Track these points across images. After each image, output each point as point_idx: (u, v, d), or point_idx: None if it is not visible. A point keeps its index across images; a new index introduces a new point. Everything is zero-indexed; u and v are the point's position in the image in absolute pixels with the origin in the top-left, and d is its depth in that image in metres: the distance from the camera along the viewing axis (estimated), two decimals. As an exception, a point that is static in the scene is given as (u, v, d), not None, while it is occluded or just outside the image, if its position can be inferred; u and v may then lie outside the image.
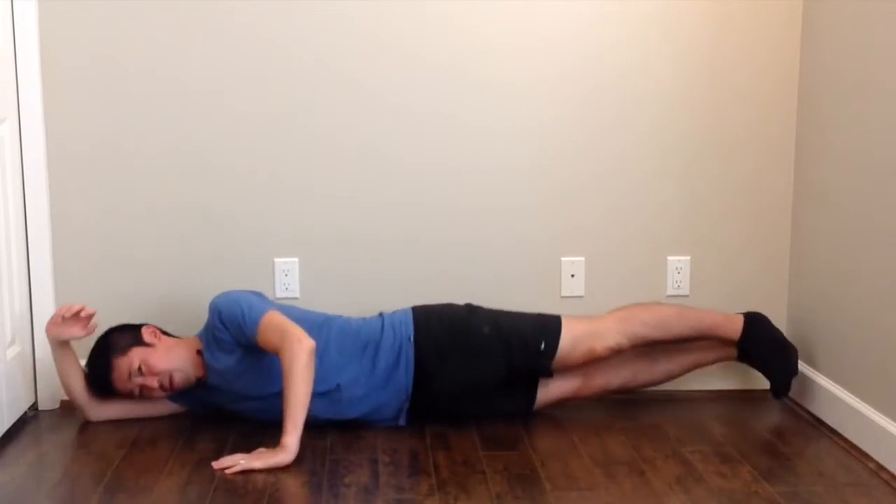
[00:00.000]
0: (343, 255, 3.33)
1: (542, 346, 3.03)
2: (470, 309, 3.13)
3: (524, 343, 3.03)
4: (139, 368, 2.96)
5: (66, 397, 3.22)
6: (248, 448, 2.80)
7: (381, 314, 3.13)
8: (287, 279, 3.32)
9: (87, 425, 3.10)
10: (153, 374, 2.96)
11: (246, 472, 2.70)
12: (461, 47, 3.27)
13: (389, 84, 3.27)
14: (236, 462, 2.73)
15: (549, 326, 3.06)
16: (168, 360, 2.98)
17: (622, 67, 3.31)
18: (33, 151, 3.16)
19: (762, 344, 3.19)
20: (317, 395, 2.87)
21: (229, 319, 2.93)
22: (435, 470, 2.77)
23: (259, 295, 3.08)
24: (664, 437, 3.02)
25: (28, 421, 3.15)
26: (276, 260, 3.32)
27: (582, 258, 3.39)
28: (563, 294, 3.38)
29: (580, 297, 3.39)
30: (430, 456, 2.87)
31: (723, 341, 3.22)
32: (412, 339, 3.02)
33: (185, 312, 3.26)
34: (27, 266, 3.19)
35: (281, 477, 2.70)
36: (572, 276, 3.39)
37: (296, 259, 3.33)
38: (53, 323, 3.00)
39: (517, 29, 3.27)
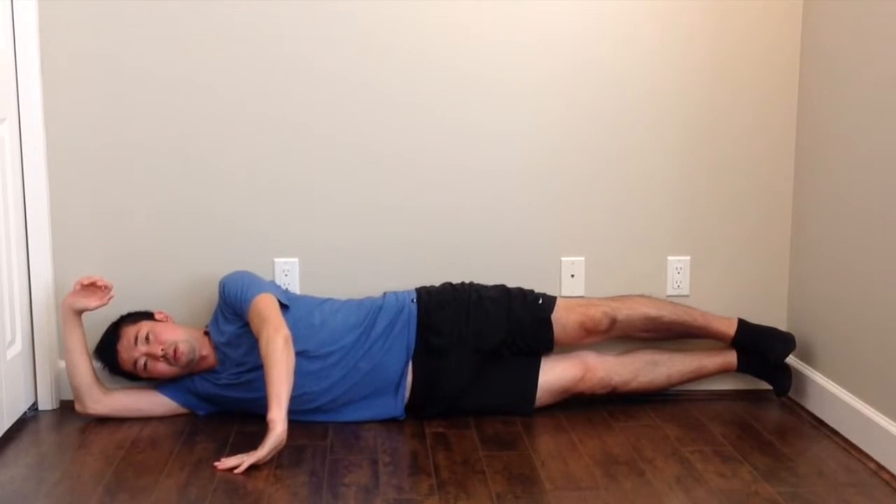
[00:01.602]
0: (343, 256, 3.33)
1: (540, 300, 3.18)
2: (469, 283, 3.28)
3: (523, 295, 3.20)
4: (146, 337, 3.03)
5: (66, 397, 3.22)
6: (248, 448, 2.80)
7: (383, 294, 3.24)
8: (287, 279, 3.32)
9: (87, 425, 3.10)
10: (159, 342, 3.02)
11: (248, 471, 2.71)
12: (461, 48, 3.27)
13: (390, 84, 3.27)
14: (241, 461, 2.73)
15: (545, 294, 3.24)
16: (175, 332, 3.07)
17: (622, 67, 3.31)
18: (33, 151, 3.16)
19: (756, 331, 3.26)
20: (320, 357, 3.03)
21: (230, 292, 3.07)
22: (435, 470, 2.77)
23: (273, 283, 3.19)
24: (664, 437, 3.02)
25: (28, 421, 3.15)
26: (276, 260, 3.32)
27: (582, 258, 3.39)
28: (564, 294, 3.37)
29: (580, 297, 3.38)
30: (430, 456, 2.87)
31: (718, 339, 3.26)
32: (415, 300, 3.15)
33: (185, 312, 3.26)
34: (27, 266, 3.19)
35: (281, 477, 2.70)
36: (572, 276, 3.39)
37: (296, 259, 3.33)
38: (70, 293, 3.09)
39: (517, 29, 3.27)
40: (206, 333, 3.13)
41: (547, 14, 3.27)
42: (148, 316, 3.12)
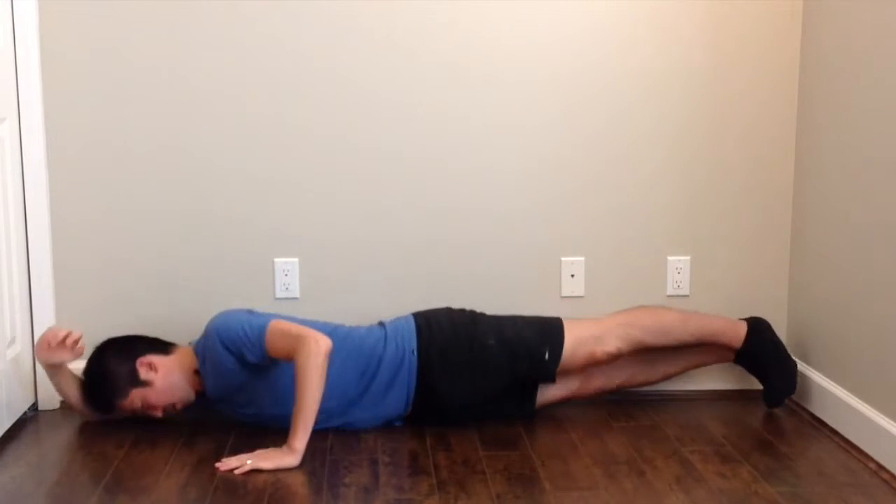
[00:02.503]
0: (343, 256, 3.33)
1: (547, 355, 3.02)
2: (472, 317, 3.10)
3: (529, 353, 3.02)
4: (141, 406, 2.95)
5: (66, 397, 3.23)
6: (247, 449, 2.80)
7: (382, 324, 3.10)
8: (287, 279, 3.32)
9: (86, 425, 3.09)
10: (155, 408, 2.96)
11: (248, 472, 2.71)
12: (462, 48, 3.27)
13: (390, 85, 3.27)
14: (243, 462, 2.73)
15: (552, 334, 3.05)
16: (168, 394, 2.95)
17: (622, 67, 3.31)
18: (33, 151, 3.16)
19: (762, 355, 3.19)
20: (321, 411, 2.81)
21: (232, 341, 2.88)
22: (435, 470, 2.77)
23: (252, 312, 3.01)
24: (664, 437, 3.02)
25: (28, 421, 3.15)
26: (276, 260, 3.32)
27: (582, 258, 3.39)
28: (564, 294, 3.38)
29: (580, 297, 3.39)
30: (430, 456, 2.87)
31: (723, 347, 3.22)
32: (415, 351, 2.99)
33: (185, 312, 3.26)
34: (27, 266, 3.18)
35: (281, 477, 2.70)
36: (572, 276, 3.39)
37: (296, 259, 3.33)
38: (41, 348, 2.98)
39: (517, 30, 3.27)
40: (197, 371, 2.98)
41: (547, 14, 3.27)
42: (132, 376, 2.92)
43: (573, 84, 3.31)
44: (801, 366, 3.26)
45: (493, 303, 3.32)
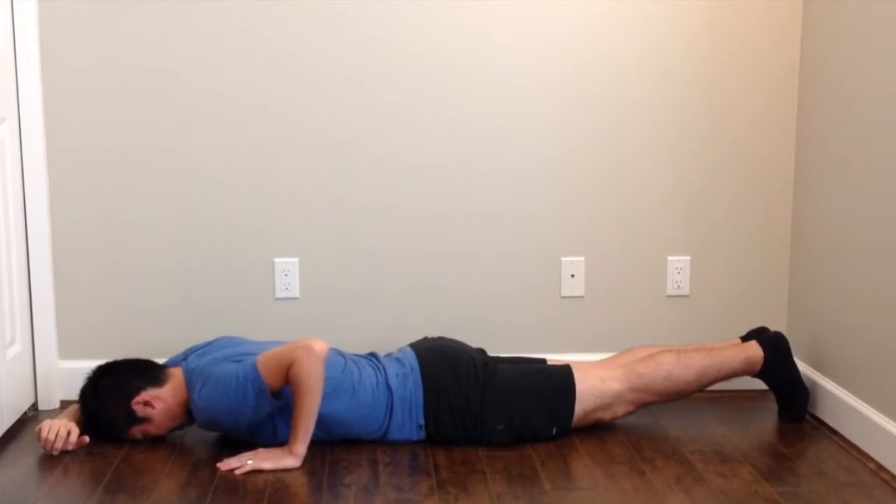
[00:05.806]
0: (343, 256, 3.33)
1: (554, 431, 2.97)
2: (482, 391, 2.93)
3: (536, 434, 2.95)
4: (142, 436, 2.92)
5: (66, 397, 3.22)
6: (247, 449, 2.80)
7: (383, 370, 2.95)
8: (287, 279, 3.32)
9: (87, 425, 3.10)
10: (157, 436, 2.93)
11: (249, 472, 2.71)
12: (462, 50, 3.27)
13: (390, 86, 3.27)
14: (243, 462, 2.74)
15: (561, 413, 2.96)
16: (168, 424, 2.92)
17: (622, 68, 3.31)
18: (33, 151, 3.16)
19: (772, 387, 3.16)
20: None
21: (228, 404, 2.79)
22: (435, 470, 2.77)
23: (210, 361, 2.91)
24: (664, 437, 3.02)
25: (28, 421, 3.15)
26: (276, 260, 3.32)
27: (582, 258, 3.39)
28: (563, 294, 3.38)
29: (580, 297, 3.39)
30: (430, 456, 2.87)
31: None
32: (423, 427, 2.92)
33: (185, 311, 3.27)
34: (27, 266, 3.19)
35: (281, 477, 2.70)
36: (572, 276, 3.39)
37: (296, 259, 3.33)
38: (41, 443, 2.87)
39: (517, 31, 3.27)
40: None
41: (547, 17, 3.27)
42: (130, 416, 2.86)
43: (573, 85, 3.31)
44: (802, 366, 3.26)
45: (493, 303, 3.33)
